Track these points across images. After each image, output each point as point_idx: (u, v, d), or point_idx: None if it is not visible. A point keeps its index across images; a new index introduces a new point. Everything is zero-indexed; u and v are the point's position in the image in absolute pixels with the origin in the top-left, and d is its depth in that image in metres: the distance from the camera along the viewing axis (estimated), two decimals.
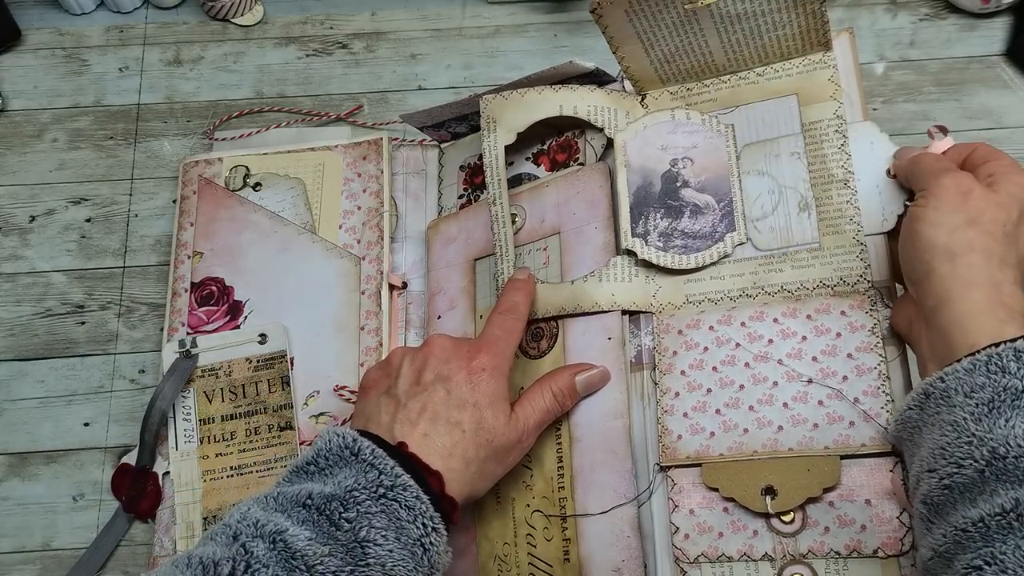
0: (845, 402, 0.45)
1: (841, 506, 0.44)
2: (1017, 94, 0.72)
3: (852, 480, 0.44)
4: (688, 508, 0.46)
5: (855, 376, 0.45)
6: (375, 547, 0.40)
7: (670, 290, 0.51)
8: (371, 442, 0.43)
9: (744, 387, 0.47)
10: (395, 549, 0.41)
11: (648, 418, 0.49)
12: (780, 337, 0.48)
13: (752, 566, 0.45)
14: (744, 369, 0.48)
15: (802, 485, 0.44)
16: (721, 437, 0.46)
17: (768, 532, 0.45)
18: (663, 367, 0.49)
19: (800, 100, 0.52)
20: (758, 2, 0.49)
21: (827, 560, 0.44)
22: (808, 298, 0.48)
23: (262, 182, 0.67)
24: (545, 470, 0.50)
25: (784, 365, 0.47)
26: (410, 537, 0.41)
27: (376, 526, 0.40)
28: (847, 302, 0.47)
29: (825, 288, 0.48)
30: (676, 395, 0.48)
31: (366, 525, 0.40)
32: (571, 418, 0.50)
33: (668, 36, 0.52)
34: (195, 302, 0.63)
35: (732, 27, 0.51)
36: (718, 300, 0.50)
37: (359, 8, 0.78)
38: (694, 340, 0.49)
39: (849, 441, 0.44)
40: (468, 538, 0.52)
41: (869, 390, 0.45)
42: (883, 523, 0.43)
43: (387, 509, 0.41)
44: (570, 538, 0.48)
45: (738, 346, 0.48)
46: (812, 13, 0.50)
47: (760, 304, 0.49)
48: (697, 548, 0.45)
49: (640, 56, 0.53)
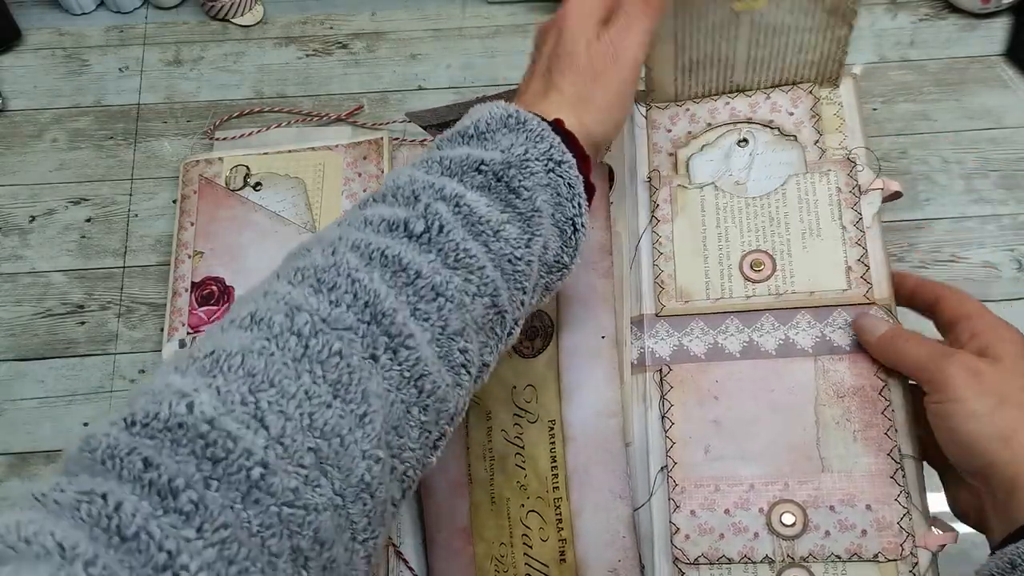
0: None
1: (842, 511, 0.44)
2: (1017, 94, 0.72)
3: (853, 485, 0.44)
4: (689, 509, 0.46)
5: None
6: (543, 218, 0.40)
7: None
8: (534, 116, 0.41)
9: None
10: (552, 226, 0.40)
11: (650, 420, 0.49)
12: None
13: (751, 568, 0.45)
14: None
15: None
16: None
17: (769, 535, 0.45)
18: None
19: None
20: (798, 17, 0.49)
21: (826, 564, 0.44)
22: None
23: (262, 182, 0.67)
24: (539, 470, 0.50)
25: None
26: (564, 215, 0.41)
27: (544, 198, 0.40)
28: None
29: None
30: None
31: (539, 196, 0.39)
32: (564, 417, 0.50)
33: (704, 39, 0.51)
34: (195, 302, 0.63)
35: (764, 40, 0.51)
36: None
37: (359, 8, 0.78)
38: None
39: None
40: (464, 539, 0.52)
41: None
42: (883, 528, 0.43)
43: (552, 183, 0.40)
44: (566, 538, 0.48)
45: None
46: (838, 40, 0.50)
47: None
48: (697, 549, 0.45)
49: (667, 61, 0.53)
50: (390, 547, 0.55)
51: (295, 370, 0.33)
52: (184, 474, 0.29)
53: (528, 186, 0.39)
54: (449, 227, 0.37)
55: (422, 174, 0.39)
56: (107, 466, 0.29)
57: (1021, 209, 0.69)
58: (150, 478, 0.28)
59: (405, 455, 0.36)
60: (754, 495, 0.46)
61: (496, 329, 0.40)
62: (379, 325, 0.35)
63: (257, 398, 0.31)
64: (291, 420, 0.32)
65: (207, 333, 0.35)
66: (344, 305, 0.35)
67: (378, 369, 0.35)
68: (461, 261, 0.37)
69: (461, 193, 0.38)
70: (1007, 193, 0.69)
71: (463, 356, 0.38)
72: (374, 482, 0.34)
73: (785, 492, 0.45)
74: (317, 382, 0.33)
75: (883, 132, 0.71)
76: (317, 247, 0.37)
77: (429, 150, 0.41)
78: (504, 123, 0.41)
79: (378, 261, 0.36)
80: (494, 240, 0.38)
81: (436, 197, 0.38)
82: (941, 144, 0.71)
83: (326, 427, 0.32)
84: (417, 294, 0.36)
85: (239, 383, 0.32)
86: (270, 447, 0.30)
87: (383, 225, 0.37)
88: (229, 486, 0.29)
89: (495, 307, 0.39)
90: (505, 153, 0.39)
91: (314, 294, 0.35)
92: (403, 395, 0.35)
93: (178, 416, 0.30)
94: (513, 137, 0.40)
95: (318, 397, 0.32)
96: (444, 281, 0.36)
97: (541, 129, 0.40)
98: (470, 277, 0.37)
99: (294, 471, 0.31)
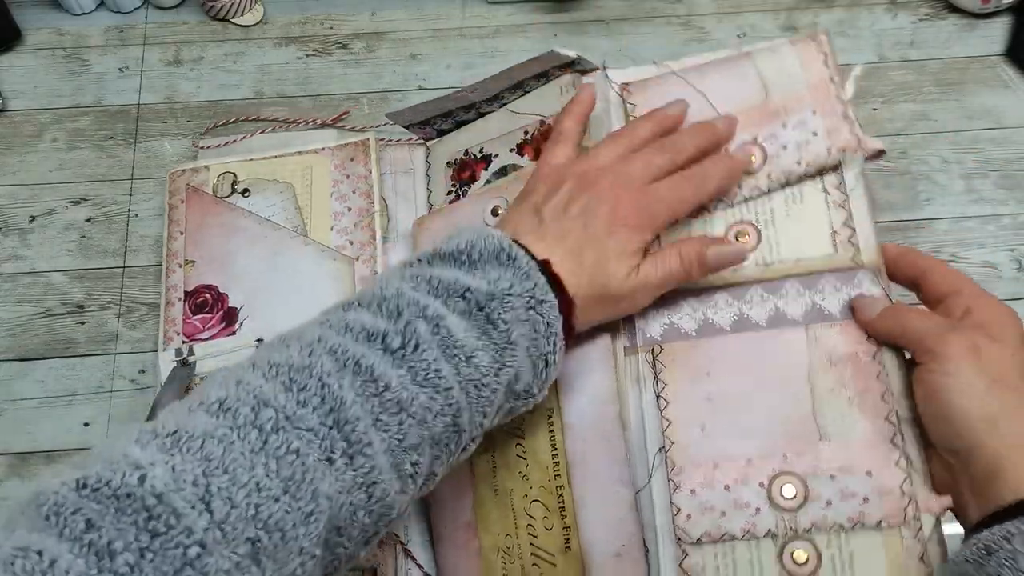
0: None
1: (842, 479, 0.44)
2: (1017, 94, 0.72)
3: (852, 453, 0.44)
4: (689, 488, 0.46)
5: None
6: (517, 351, 0.41)
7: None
8: (525, 252, 0.43)
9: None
10: (526, 358, 0.42)
11: (645, 402, 0.48)
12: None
13: (754, 544, 0.44)
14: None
15: None
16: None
17: (770, 509, 0.44)
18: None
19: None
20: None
21: (829, 534, 0.43)
22: None
23: (250, 188, 0.67)
24: (540, 459, 0.50)
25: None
26: (538, 350, 0.43)
27: (521, 332, 0.42)
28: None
29: None
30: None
31: (516, 330, 0.41)
32: (562, 406, 0.50)
33: None
34: (189, 311, 0.63)
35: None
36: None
37: (359, 8, 0.78)
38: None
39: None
40: (470, 533, 0.52)
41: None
42: (885, 493, 0.43)
43: (531, 320, 0.42)
44: (570, 526, 0.48)
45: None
46: None
47: None
48: (700, 528, 0.45)
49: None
50: (398, 545, 0.55)
51: (251, 461, 0.34)
52: (123, 539, 0.30)
53: (506, 319, 0.41)
54: (425, 346, 0.39)
55: (409, 289, 0.41)
56: (50, 522, 0.30)
57: (1021, 209, 0.69)
58: (90, 539, 0.30)
59: (339, 551, 0.38)
60: (753, 470, 0.45)
61: (451, 445, 0.42)
62: (340, 431, 0.37)
63: (209, 481, 0.33)
64: (236, 508, 0.33)
65: (174, 409, 0.37)
66: (311, 407, 0.36)
67: (332, 471, 0.36)
68: (430, 380, 0.39)
69: (443, 315, 0.40)
70: (1007, 193, 0.69)
71: (414, 468, 0.40)
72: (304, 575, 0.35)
73: (784, 464, 0.45)
74: (270, 475, 0.34)
75: (883, 132, 0.71)
76: (296, 344, 0.39)
77: (421, 265, 0.43)
78: (496, 256, 0.42)
79: (351, 369, 0.38)
80: (465, 365, 0.40)
81: (418, 315, 0.40)
82: (941, 144, 0.71)
83: (270, 520, 0.34)
84: (382, 405, 0.38)
85: (194, 464, 0.33)
86: (211, 530, 0.32)
87: (363, 334, 0.39)
88: (164, 560, 0.30)
89: (455, 426, 0.41)
90: (491, 285, 0.41)
91: (284, 391, 0.37)
92: (352, 498, 0.37)
93: (128, 487, 0.31)
94: (501, 271, 0.42)
95: (268, 490, 0.34)
96: (410, 397, 0.39)
97: (528, 268, 0.42)
98: (435, 396, 0.39)
99: (229, 555, 0.32)
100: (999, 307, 0.43)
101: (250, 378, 0.37)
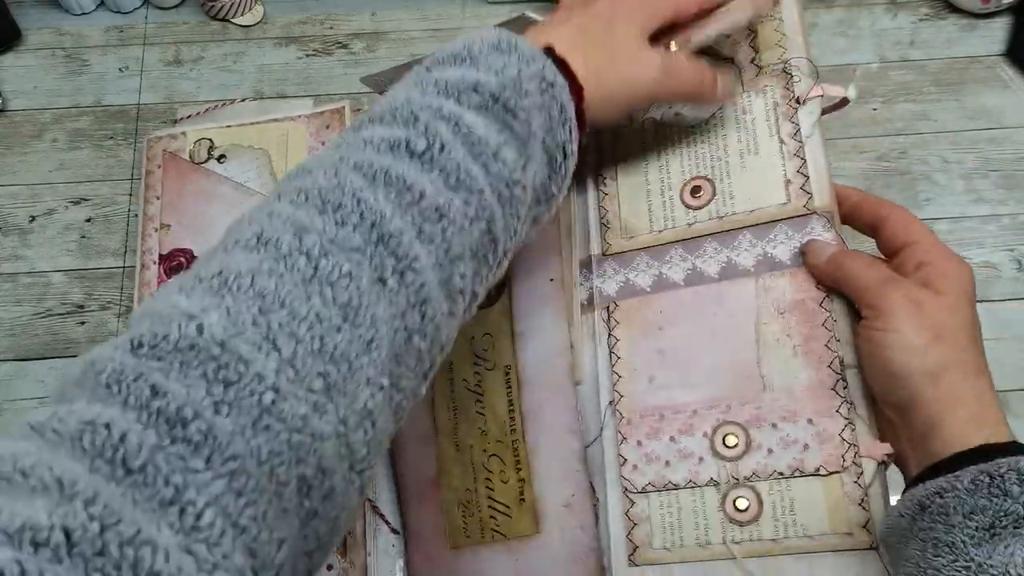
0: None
1: (784, 427, 0.44)
2: (1017, 94, 0.72)
3: (795, 401, 0.44)
4: (636, 440, 0.46)
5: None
6: (536, 143, 0.39)
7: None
8: (524, 41, 0.40)
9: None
10: (543, 153, 0.39)
11: (599, 357, 0.49)
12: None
13: (698, 493, 0.45)
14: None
15: None
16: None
17: (713, 458, 0.45)
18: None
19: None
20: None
21: (770, 482, 0.44)
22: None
23: (227, 154, 0.67)
24: (498, 415, 0.50)
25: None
26: (555, 140, 0.39)
27: (539, 123, 0.38)
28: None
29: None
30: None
31: (535, 120, 0.38)
32: (518, 362, 0.50)
33: None
34: (164, 273, 0.64)
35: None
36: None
37: (359, 8, 0.78)
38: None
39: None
40: (433, 488, 0.52)
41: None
42: (825, 440, 0.43)
43: (545, 105, 0.39)
44: (524, 478, 0.49)
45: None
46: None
47: None
48: (644, 478, 0.46)
49: None
50: (367, 503, 0.56)
51: (305, 292, 0.31)
52: (193, 401, 0.27)
53: (525, 107, 0.38)
54: (450, 146, 0.36)
55: (418, 95, 0.38)
56: (111, 390, 0.27)
57: (1021, 209, 0.69)
58: (158, 406, 0.27)
59: (402, 383, 0.35)
60: (698, 420, 0.45)
61: (488, 257, 0.38)
62: (386, 246, 0.34)
63: (268, 320, 0.30)
64: (302, 343, 0.30)
65: (207, 255, 0.34)
66: (351, 225, 0.33)
67: (385, 293, 0.33)
68: (462, 182, 0.36)
69: (459, 113, 0.37)
70: (1007, 193, 0.69)
71: (461, 282, 0.36)
72: (376, 410, 0.33)
73: (727, 414, 0.45)
74: (327, 305, 0.31)
75: (883, 132, 0.71)
76: (319, 168, 0.36)
77: (418, 72, 0.40)
78: (496, 47, 0.39)
79: (382, 181, 0.35)
80: (493, 162, 0.37)
81: (435, 116, 0.36)
82: (941, 144, 0.71)
83: (336, 352, 0.31)
84: (422, 215, 0.35)
85: (249, 304, 0.30)
86: (281, 371, 0.29)
87: (383, 145, 0.36)
88: (240, 412, 0.28)
89: (490, 233, 0.38)
90: (499, 76, 0.38)
91: (319, 215, 0.33)
92: (407, 321, 0.34)
93: (188, 338, 0.29)
94: (505, 59, 0.39)
95: (328, 320, 0.31)
96: (447, 202, 0.35)
97: (532, 52, 0.39)
98: (469, 199, 0.36)
99: (304, 396, 0.30)
100: (951, 260, 0.42)
101: (280, 208, 0.34)
